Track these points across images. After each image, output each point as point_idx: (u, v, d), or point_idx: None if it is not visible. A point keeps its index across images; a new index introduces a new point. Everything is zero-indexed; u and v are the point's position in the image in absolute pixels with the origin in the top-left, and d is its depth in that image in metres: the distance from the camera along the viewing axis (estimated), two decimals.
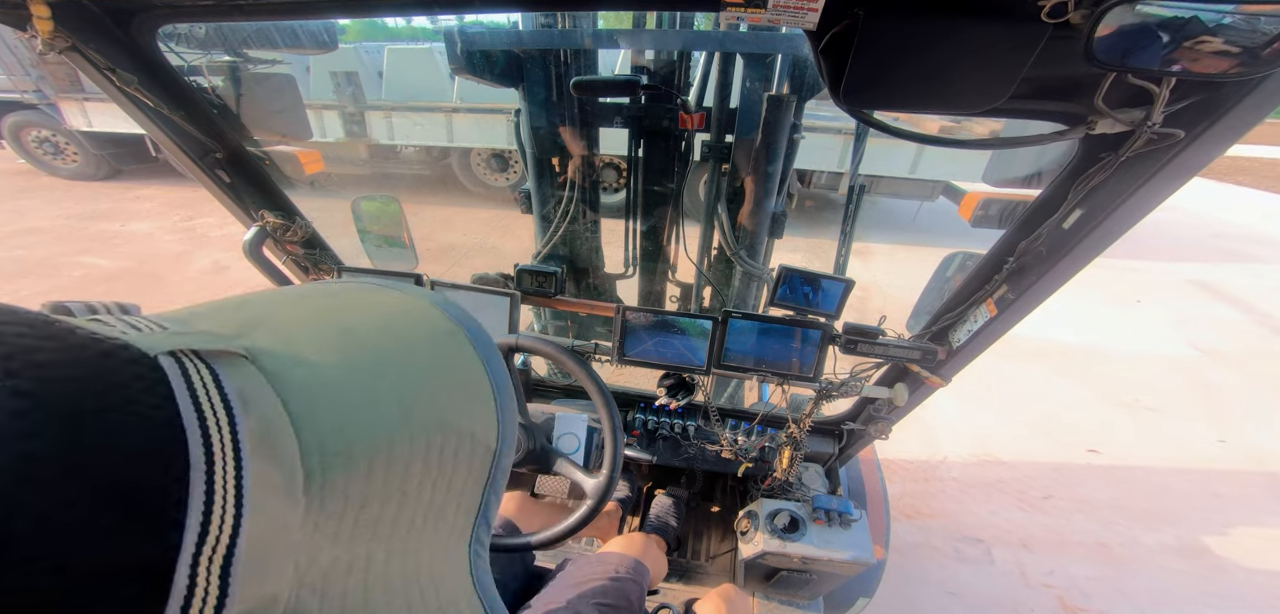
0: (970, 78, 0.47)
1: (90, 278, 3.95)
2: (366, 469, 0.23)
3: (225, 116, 0.94)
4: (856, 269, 4.56)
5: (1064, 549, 2.09)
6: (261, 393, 0.20)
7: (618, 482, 0.87)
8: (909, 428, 2.57)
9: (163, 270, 4.19)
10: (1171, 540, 2.15)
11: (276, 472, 0.19)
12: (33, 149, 6.21)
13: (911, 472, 2.42)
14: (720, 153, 1.51)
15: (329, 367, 0.23)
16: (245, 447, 0.18)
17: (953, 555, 2.02)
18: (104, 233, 4.84)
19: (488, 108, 5.11)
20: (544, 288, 1.12)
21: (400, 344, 0.28)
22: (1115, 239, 0.63)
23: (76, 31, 0.68)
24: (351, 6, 0.65)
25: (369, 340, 0.26)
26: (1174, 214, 6.95)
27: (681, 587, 1.35)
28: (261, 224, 1.06)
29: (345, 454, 0.22)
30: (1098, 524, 2.21)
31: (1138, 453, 2.64)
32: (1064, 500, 2.32)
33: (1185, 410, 3.00)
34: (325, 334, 0.25)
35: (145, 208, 5.54)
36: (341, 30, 7.31)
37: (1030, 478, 2.42)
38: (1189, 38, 0.40)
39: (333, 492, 0.22)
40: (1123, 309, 4.21)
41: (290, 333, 0.24)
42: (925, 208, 5.47)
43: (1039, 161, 3.27)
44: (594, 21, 1.47)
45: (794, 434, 1.11)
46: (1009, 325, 0.79)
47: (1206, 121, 0.49)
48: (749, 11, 0.50)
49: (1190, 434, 2.80)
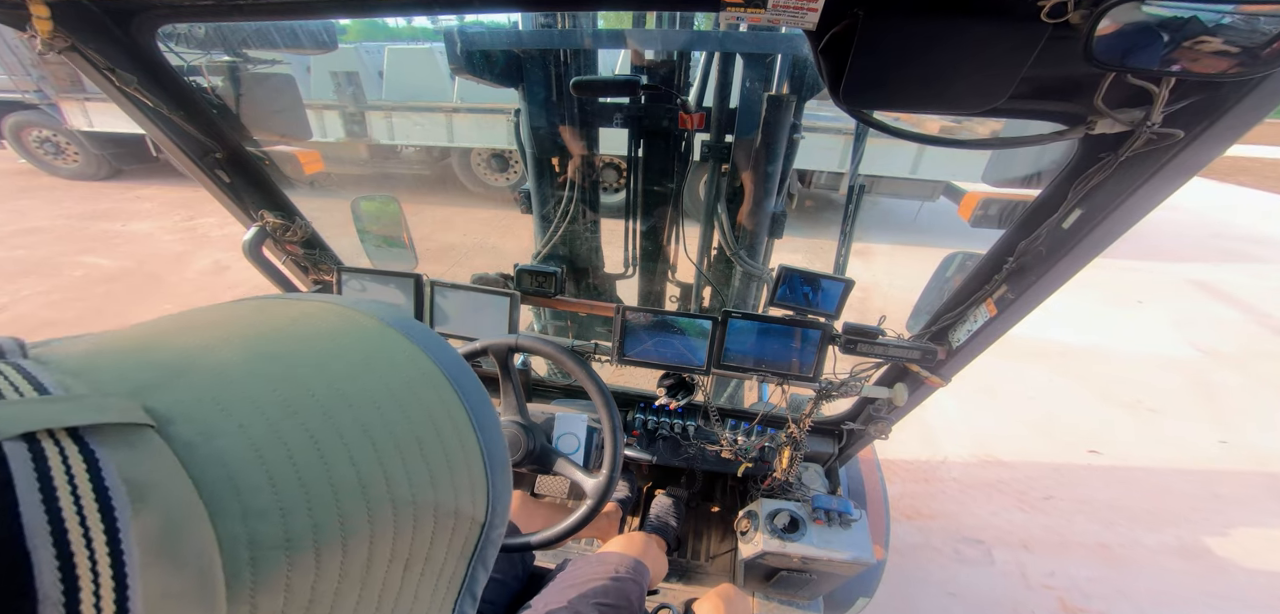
0: (970, 78, 0.47)
1: (91, 278, 3.96)
2: (314, 557, 0.19)
3: (225, 116, 0.94)
4: (857, 269, 4.55)
5: (1065, 550, 2.09)
6: (167, 477, 0.15)
7: (618, 481, 0.87)
8: (909, 429, 2.57)
9: (162, 270, 4.19)
10: (1172, 541, 2.15)
11: (182, 579, 0.15)
12: (34, 149, 6.23)
13: (912, 472, 2.41)
14: (720, 153, 1.51)
15: (268, 428, 0.19)
16: (132, 560, 0.14)
17: (953, 556, 2.02)
18: (105, 233, 4.85)
19: (488, 108, 5.12)
20: (544, 288, 1.12)
21: (365, 397, 0.22)
22: (1115, 239, 0.63)
23: (76, 31, 0.68)
24: (352, 6, 0.65)
25: (324, 391, 0.21)
26: (1175, 214, 6.94)
27: (681, 587, 1.35)
28: (261, 224, 1.06)
29: (284, 543, 0.18)
30: (1098, 525, 2.21)
31: (1139, 454, 2.64)
32: (1065, 501, 2.31)
33: (1187, 411, 2.99)
34: (266, 382, 0.20)
35: (146, 208, 5.56)
36: (342, 30, 7.34)
37: (1031, 479, 2.42)
38: (1188, 38, 0.40)
39: (267, 590, 0.17)
40: (1124, 309, 4.21)
41: (221, 383, 0.19)
42: (926, 208, 5.45)
43: (1038, 162, 3.27)
44: (594, 21, 1.47)
45: (794, 434, 1.11)
46: (1009, 325, 0.79)
47: (1206, 121, 0.49)
48: (749, 11, 0.50)
49: (1192, 435, 2.79)
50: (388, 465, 0.22)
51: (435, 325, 1.15)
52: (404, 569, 0.23)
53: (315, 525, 0.19)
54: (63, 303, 3.58)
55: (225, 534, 0.16)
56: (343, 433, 0.21)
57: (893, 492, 2.21)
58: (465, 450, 0.26)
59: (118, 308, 3.57)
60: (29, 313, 3.44)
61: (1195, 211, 7.38)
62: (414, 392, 0.25)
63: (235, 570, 0.16)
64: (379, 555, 0.21)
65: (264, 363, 0.21)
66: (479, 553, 0.28)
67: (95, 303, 3.63)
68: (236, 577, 0.17)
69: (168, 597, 0.15)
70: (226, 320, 0.23)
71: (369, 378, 0.23)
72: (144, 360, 0.18)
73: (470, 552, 0.27)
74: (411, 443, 0.23)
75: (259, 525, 0.17)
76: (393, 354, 0.25)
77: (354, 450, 0.21)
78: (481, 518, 0.27)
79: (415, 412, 0.24)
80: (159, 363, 0.18)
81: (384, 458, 0.22)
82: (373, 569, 0.21)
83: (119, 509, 0.14)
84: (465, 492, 0.26)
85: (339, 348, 0.24)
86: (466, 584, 0.28)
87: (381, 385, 0.24)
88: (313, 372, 0.22)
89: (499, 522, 0.29)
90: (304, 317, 0.25)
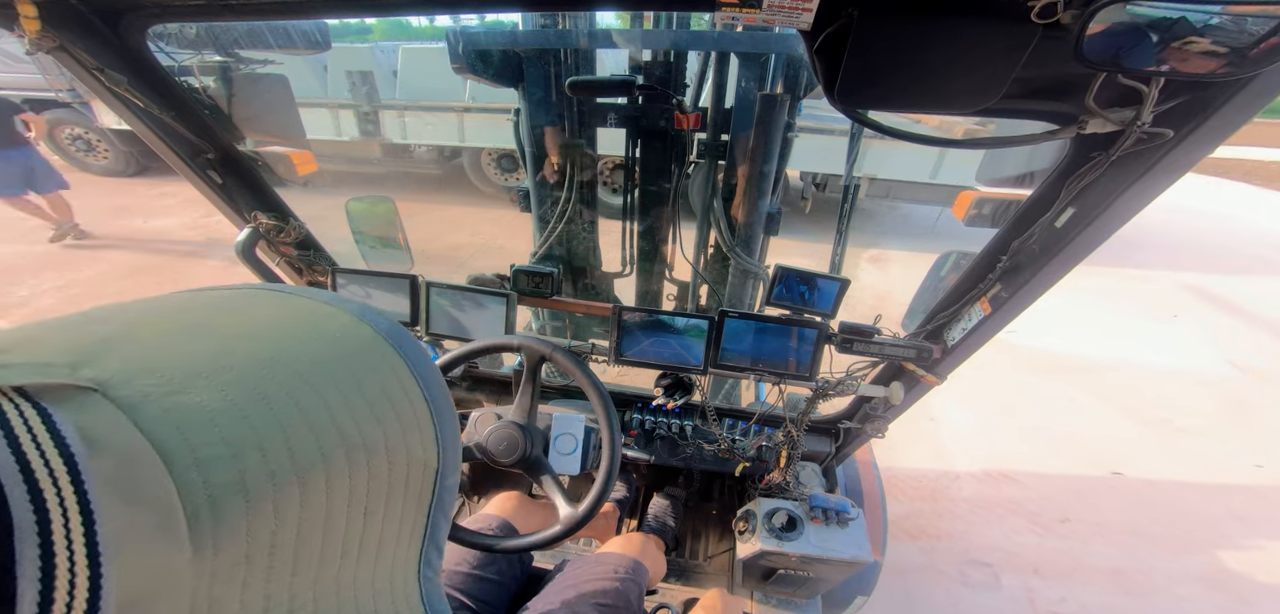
0: (963, 78, 0.48)
1: (110, 273, 3.99)
2: (272, 502, 0.20)
3: (216, 117, 0.94)
4: (872, 276, 4.48)
5: (1078, 575, 1.97)
6: (115, 428, 0.17)
7: (600, 507, 0.87)
8: (919, 444, 2.52)
9: (179, 266, 4.21)
10: (1196, 568, 2.01)
11: (145, 514, 0.17)
12: (66, 146, 6.29)
13: (920, 490, 2.29)
14: (716, 152, 1.51)
15: (211, 387, 0.20)
16: (95, 493, 0.15)
17: (958, 579, 1.92)
18: (127, 228, 4.88)
19: (498, 108, 5.11)
20: (540, 288, 1.12)
21: (307, 356, 0.24)
22: (1106, 237, 0.63)
23: (63, 30, 0.67)
24: (347, 7, 0.64)
25: (264, 353, 0.23)
26: (1212, 222, 6.56)
27: (680, 587, 1.35)
28: (254, 225, 1.05)
29: (239, 487, 0.19)
30: (1116, 549, 2.08)
31: (1165, 476, 2.47)
32: (1081, 524, 2.19)
33: (1220, 431, 2.79)
34: (205, 350, 0.21)
35: (167, 204, 5.56)
36: (367, 30, 7.32)
37: (1046, 499, 2.29)
38: (1177, 38, 0.40)
39: (230, 533, 0.19)
40: (1157, 323, 3.94)
41: (156, 352, 0.20)
42: (945, 214, 5.27)
43: (1031, 161, 3.28)
44: (591, 22, 1.47)
45: (791, 433, 1.11)
46: (1003, 324, 0.80)
47: (1195, 121, 0.50)
48: (744, 11, 0.50)
49: (1224, 457, 2.60)
50: (334, 408, 0.23)
51: (432, 327, 1.15)
52: (365, 516, 0.24)
53: (270, 470, 0.20)
54: (81, 297, 3.61)
55: (180, 478, 0.17)
56: (284, 383, 0.22)
57: (898, 511, 2.15)
58: (409, 396, 0.27)
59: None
60: (48, 306, 3.47)
61: (1237, 218, 6.92)
62: (351, 347, 0.26)
63: (194, 510, 0.18)
64: (337, 500, 0.22)
65: (198, 334, 0.22)
66: (436, 499, 0.29)
67: (112, 297, 3.63)
68: (196, 517, 0.18)
69: (131, 533, 0.16)
70: (161, 303, 0.24)
71: (307, 340, 0.25)
72: (81, 335, 0.19)
73: (428, 500, 0.29)
74: (352, 387, 0.25)
75: (213, 471, 0.18)
76: (319, 320, 0.27)
77: (298, 397, 0.22)
78: (434, 463, 0.28)
79: (354, 362, 0.26)
80: (96, 337, 0.19)
81: (330, 401, 0.23)
82: (333, 516, 0.22)
83: (78, 454, 0.15)
84: (414, 433, 0.27)
85: (272, 318, 0.25)
86: (428, 533, 0.29)
87: (319, 343, 0.25)
88: (247, 339, 0.23)
89: (451, 469, 0.30)
90: (238, 297, 0.26)
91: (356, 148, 5.76)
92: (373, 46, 5.43)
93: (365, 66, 5.23)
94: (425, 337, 1.17)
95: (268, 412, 0.21)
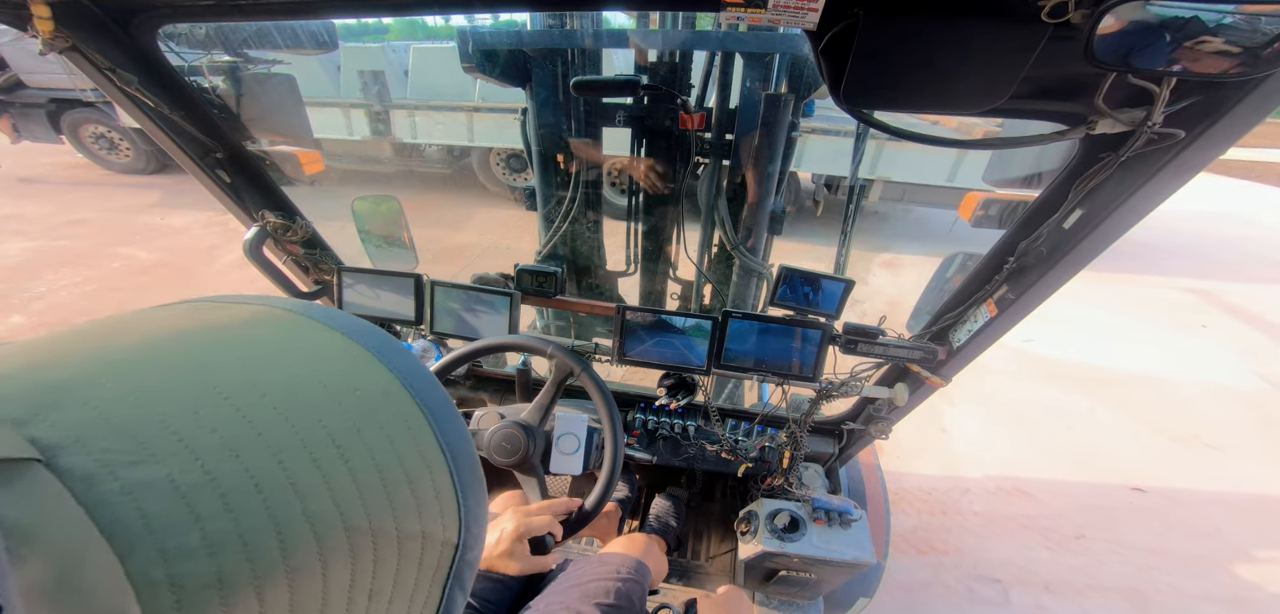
0: (970, 78, 0.47)
1: (126, 270, 4.03)
2: (256, 597, 0.16)
3: (225, 116, 0.95)
4: (885, 281, 4.42)
5: (1091, 593, 1.90)
6: (57, 516, 0.13)
7: (602, 506, 0.87)
8: (929, 455, 2.47)
9: (193, 264, 4.25)
10: (1218, 589, 1.93)
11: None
12: (90, 144, 6.38)
13: (929, 503, 2.23)
14: (721, 151, 1.51)
15: (186, 455, 0.16)
16: (17, 609, 0.12)
17: (965, 595, 1.87)
18: (146, 226, 4.93)
19: (507, 108, 5.14)
20: (544, 287, 1.12)
21: (306, 411, 0.20)
22: (1115, 239, 0.63)
23: (76, 31, 0.68)
24: (352, 7, 0.65)
25: (254, 407, 0.19)
26: (1238, 227, 6.28)
27: (682, 587, 1.35)
28: (262, 224, 1.06)
29: (216, 583, 0.15)
30: (1133, 568, 2.01)
31: (1190, 494, 2.36)
32: (1098, 541, 2.11)
33: (1251, 449, 2.67)
34: (185, 397, 0.17)
35: (185, 202, 5.64)
36: (384, 30, 7.38)
37: (1062, 515, 2.22)
38: (1189, 38, 0.40)
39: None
40: (1186, 334, 3.77)
41: (127, 401, 0.16)
42: (961, 218, 5.16)
43: (1039, 162, 3.24)
44: (597, 22, 1.47)
45: (794, 434, 1.11)
46: (1009, 325, 0.79)
47: (1207, 121, 0.49)
48: (749, 11, 0.50)
49: (1254, 475, 2.49)
50: (337, 488, 0.19)
51: (436, 325, 1.15)
52: (369, 600, 0.20)
53: (253, 563, 0.16)
54: (97, 294, 3.65)
55: (139, 576, 0.14)
56: (280, 453, 0.18)
57: (907, 524, 2.11)
58: (430, 465, 0.23)
59: (149, 300, 3.60)
60: (65, 303, 3.51)
61: (1264, 224, 6.55)
62: (364, 402, 0.22)
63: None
64: (336, 588, 0.19)
65: (182, 375, 0.18)
66: (454, 575, 0.25)
67: (129, 294, 3.69)
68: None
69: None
70: (138, 326, 0.20)
71: (307, 387, 0.20)
72: (30, 381, 0.15)
73: (445, 575, 0.25)
74: (362, 454, 0.20)
75: (182, 565, 0.15)
76: (335, 361, 0.22)
77: (294, 473, 0.18)
78: (454, 539, 0.25)
79: (365, 422, 0.21)
80: (49, 382, 0.15)
81: (332, 479, 0.19)
82: (331, 604, 0.19)
83: (1, 555, 0.12)
84: (432, 507, 0.23)
85: (274, 356, 0.21)
86: (443, 609, 0.25)
87: (321, 393, 0.21)
88: (244, 387, 0.19)
89: (474, 542, 0.26)
90: (236, 319, 0.22)
91: (367, 147, 5.81)
92: (385, 46, 5.48)
93: (377, 66, 5.29)
94: (430, 335, 1.17)
95: (255, 490, 0.17)
